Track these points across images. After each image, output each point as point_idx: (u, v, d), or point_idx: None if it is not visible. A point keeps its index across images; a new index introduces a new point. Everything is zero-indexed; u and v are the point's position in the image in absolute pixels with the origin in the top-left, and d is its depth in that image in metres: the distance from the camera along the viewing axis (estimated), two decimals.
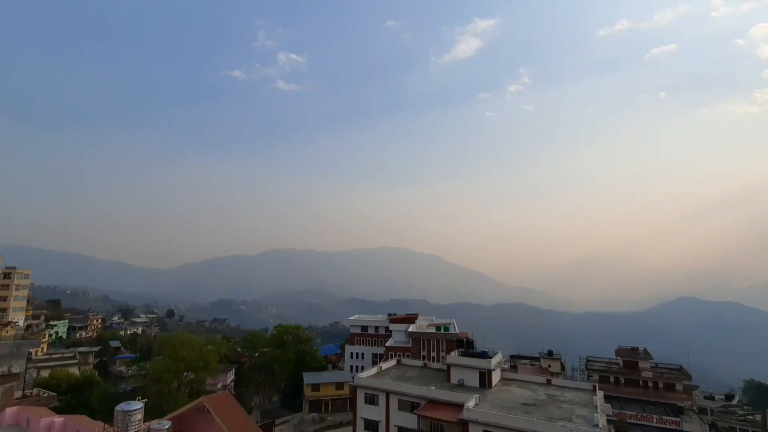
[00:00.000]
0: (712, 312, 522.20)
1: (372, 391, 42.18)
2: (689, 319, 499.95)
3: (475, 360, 44.68)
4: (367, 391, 42.46)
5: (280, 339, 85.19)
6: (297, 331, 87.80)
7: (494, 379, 44.16)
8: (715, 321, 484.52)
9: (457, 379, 44.06)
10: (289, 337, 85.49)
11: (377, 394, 41.72)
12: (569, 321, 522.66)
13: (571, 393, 43.17)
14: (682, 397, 61.90)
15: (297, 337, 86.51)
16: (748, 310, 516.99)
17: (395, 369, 51.24)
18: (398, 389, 41.04)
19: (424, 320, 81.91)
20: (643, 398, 63.03)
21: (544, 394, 42.09)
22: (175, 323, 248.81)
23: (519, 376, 50.19)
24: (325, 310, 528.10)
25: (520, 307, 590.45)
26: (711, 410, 65.80)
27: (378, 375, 47.06)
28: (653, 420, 58.52)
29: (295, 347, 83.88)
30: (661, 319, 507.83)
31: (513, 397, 40.45)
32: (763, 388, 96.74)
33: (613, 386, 65.26)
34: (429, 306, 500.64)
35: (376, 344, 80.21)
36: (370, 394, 42.16)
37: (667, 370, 67.04)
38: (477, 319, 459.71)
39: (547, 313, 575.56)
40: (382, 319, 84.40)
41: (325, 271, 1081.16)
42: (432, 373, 49.12)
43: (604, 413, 37.95)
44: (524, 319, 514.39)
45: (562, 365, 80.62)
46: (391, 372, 49.29)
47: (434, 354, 66.23)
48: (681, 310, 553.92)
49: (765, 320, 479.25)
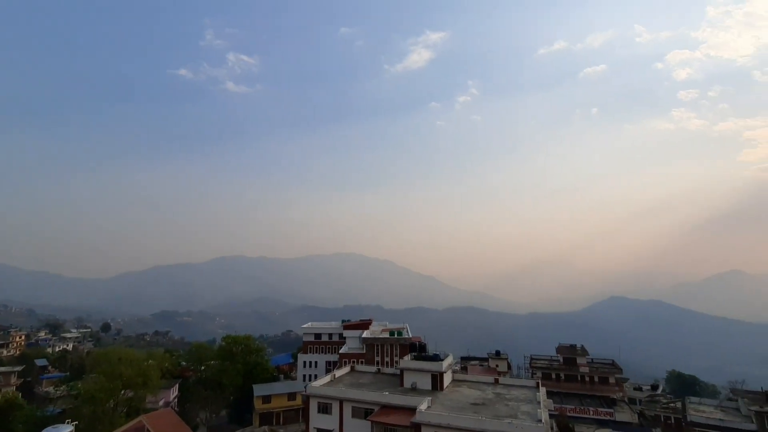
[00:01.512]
0: (639, 310, 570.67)
1: (325, 399, 41.84)
2: (620, 316, 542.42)
3: (427, 363, 45.76)
4: (320, 400, 42.04)
5: (228, 350, 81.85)
6: (247, 342, 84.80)
7: (446, 381, 45.45)
8: (642, 318, 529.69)
9: (410, 383, 44.85)
10: (239, 348, 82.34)
11: (330, 403, 41.45)
12: (515, 322, 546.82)
13: (517, 390, 45.43)
14: (614, 389, 67.09)
15: (247, 348, 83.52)
16: (669, 307, 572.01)
17: (349, 376, 51.16)
18: (352, 396, 41.04)
19: (377, 326, 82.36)
20: (581, 392, 67.56)
21: (492, 393, 43.95)
22: (112, 338, 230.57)
23: (469, 377, 52.00)
24: (277, 319, 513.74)
25: (470, 310, 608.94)
26: (639, 400, 71.75)
27: (331, 383, 46.75)
28: (590, 412, 62.87)
29: (244, 358, 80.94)
30: (596, 317, 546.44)
31: (463, 398, 41.87)
32: (682, 377, 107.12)
33: (554, 382, 69.35)
34: (383, 311, 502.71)
35: (329, 352, 79.43)
36: (324, 403, 41.80)
37: (601, 365, 72.34)
38: (430, 322, 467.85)
39: (495, 315, 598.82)
40: (335, 326, 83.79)
41: (278, 279, 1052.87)
42: (386, 379, 49.59)
43: (547, 408, 40.40)
44: (474, 321, 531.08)
45: (509, 364, 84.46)
46: (344, 379, 49.15)
47: (388, 359, 66.79)
48: (613, 308, 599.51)
49: (682, 316, 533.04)
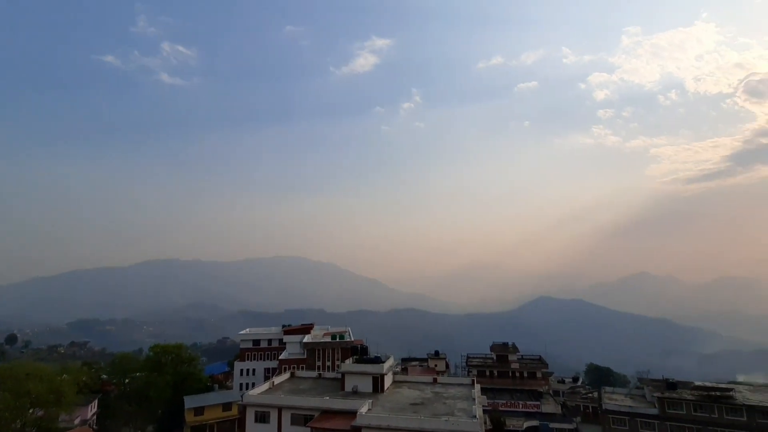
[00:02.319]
0: (563, 308, 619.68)
1: (263, 408, 40.66)
2: (547, 315, 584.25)
3: (368, 366, 46.17)
4: (257, 409, 40.78)
5: (156, 361, 76.29)
6: (178, 351, 79.64)
7: (386, 383, 46.15)
8: (565, 316, 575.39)
9: (351, 386, 44.95)
10: (168, 358, 77.07)
11: (268, 411, 40.37)
12: (454, 322, 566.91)
13: (454, 389, 47.31)
14: (541, 383, 72.20)
15: (178, 358, 78.42)
16: (588, 305, 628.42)
17: (289, 382, 50.11)
18: (290, 403, 40.30)
19: (319, 330, 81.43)
20: (512, 387, 71.89)
21: (431, 393, 45.39)
22: (18, 351, 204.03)
23: (409, 378, 53.23)
24: (213, 326, 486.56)
25: (411, 312, 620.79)
26: (562, 392, 77.93)
27: (270, 391, 45.51)
28: (520, 406, 67.11)
29: (175, 369, 75.90)
30: (526, 316, 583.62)
31: (403, 399, 42.82)
32: (599, 369, 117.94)
33: (488, 379, 73.08)
34: (325, 315, 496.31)
35: (269, 358, 77.08)
36: (261, 412, 40.59)
37: (530, 361, 77.49)
38: (372, 325, 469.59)
39: (435, 316, 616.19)
40: (276, 332, 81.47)
41: (214, 283, 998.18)
42: (327, 383, 49.25)
43: (481, 404, 42.54)
44: (415, 322, 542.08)
45: (447, 364, 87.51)
46: (284, 386, 48.08)
47: (329, 363, 66.31)
48: (541, 307, 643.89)
49: (599, 313, 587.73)
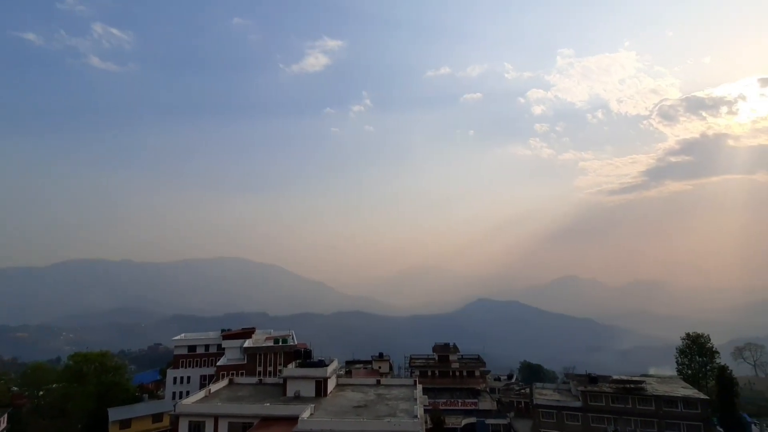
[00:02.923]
0: (500, 309, 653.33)
1: (197, 417, 38.73)
2: (485, 316, 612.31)
3: (311, 370, 45.65)
4: (191, 419, 38.75)
5: (77, 371, 69.79)
6: (102, 359, 73.46)
7: (330, 387, 45.90)
8: (502, 317, 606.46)
9: (293, 391, 44.17)
10: (91, 368, 70.84)
11: (203, 421, 38.52)
12: (398, 324, 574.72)
13: (397, 390, 48.14)
14: (479, 381, 75.54)
15: (102, 367, 72.30)
16: (523, 306, 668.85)
17: (227, 390, 48.13)
18: (228, 411, 38.80)
19: (261, 334, 78.98)
20: (452, 386, 74.46)
21: (374, 395, 45.82)
22: None
23: (353, 381, 53.36)
24: (144, 332, 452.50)
25: (357, 314, 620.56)
26: (498, 389, 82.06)
27: (206, 399, 43.46)
28: (459, 404, 69.72)
29: (98, 379, 69.87)
30: (466, 317, 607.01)
31: (347, 402, 42.86)
32: (531, 366, 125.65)
33: (430, 379, 75.10)
34: (268, 318, 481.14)
35: (206, 365, 73.36)
36: (195, 422, 38.63)
37: (469, 360, 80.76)
38: (317, 328, 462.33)
39: (380, 319, 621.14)
40: (214, 337, 77.73)
41: (146, 286, 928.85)
42: (268, 389, 47.96)
43: (422, 404, 43.68)
44: (361, 325, 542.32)
45: (391, 365, 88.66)
46: (221, 393, 46.12)
47: (271, 369, 64.59)
48: (480, 309, 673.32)
49: (532, 314, 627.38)
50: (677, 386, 61.97)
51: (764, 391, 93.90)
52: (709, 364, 74.18)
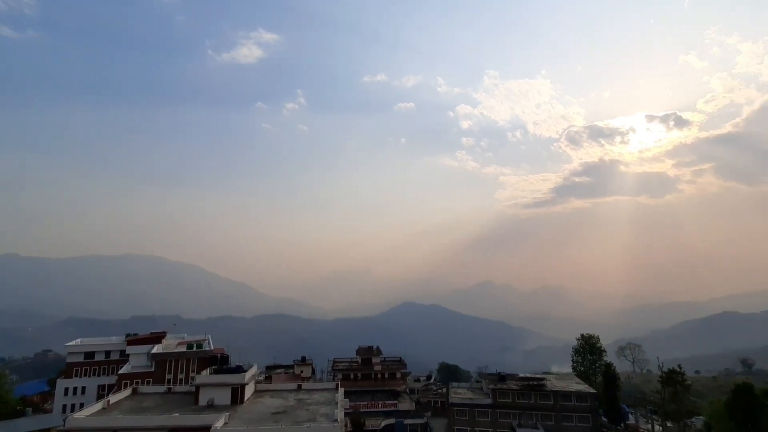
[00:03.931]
0: (424, 312, 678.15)
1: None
2: (409, 319, 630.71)
3: (227, 376, 43.62)
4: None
5: None
6: None
7: (247, 393, 44.18)
8: (425, 319, 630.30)
9: (206, 399, 41.79)
10: None
11: None
12: (323, 327, 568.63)
13: (318, 394, 47.77)
14: (399, 383, 77.64)
15: None
16: (445, 310, 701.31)
17: (129, 400, 44.04)
18: (129, 424, 35.55)
19: (173, 339, 73.35)
20: (373, 388, 75.59)
21: (294, 400, 44.98)
22: None
23: (272, 386, 51.86)
24: (31, 337, 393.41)
25: (281, 317, 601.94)
26: (417, 390, 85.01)
27: (103, 411, 39.38)
28: (379, 405, 71.00)
29: None
30: (392, 320, 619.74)
31: (265, 408, 41.57)
32: (449, 367, 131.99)
33: (352, 382, 75.52)
34: (182, 322, 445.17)
35: (106, 373, 66.23)
36: None
37: (391, 362, 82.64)
38: (237, 332, 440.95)
39: (306, 322, 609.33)
40: (117, 342, 70.43)
41: (36, 284, 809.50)
42: (178, 398, 44.76)
43: (343, 408, 43.88)
44: (285, 328, 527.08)
45: (313, 369, 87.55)
46: (122, 405, 42.10)
47: (182, 376, 60.29)
48: (405, 312, 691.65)
49: (453, 317, 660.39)
50: (572, 382, 69.39)
51: (640, 385, 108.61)
52: (598, 361, 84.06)
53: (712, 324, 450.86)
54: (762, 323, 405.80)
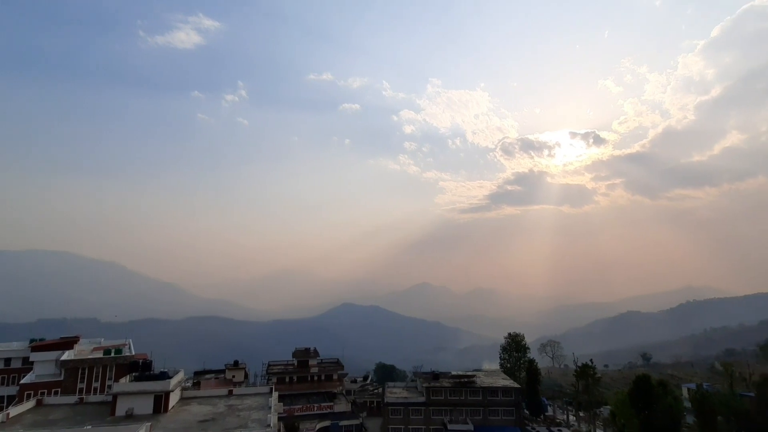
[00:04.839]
0: (362, 313, 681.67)
1: None
2: (348, 320, 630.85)
3: (149, 384, 40.82)
4: None
5: None
6: None
7: (172, 401, 41.66)
8: (364, 320, 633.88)
9: (125, 409, 38.77)
10: None
11: None
12: (259, 329, 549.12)
13: (251, 399, 46.25)
14: (336, 384, 77.44)
15: None
16: (383, 311, 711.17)
17: (33, 413, 39.53)
18: None
19: (88, 344, 66.82)
20: (309, 391, 74.68)
21: (224, 406, 43.16)
22: None
23: (200, 393, 49.33)
24: None
25: (213, 320, 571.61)
26: (354, 391, 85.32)
27: (2, 426, 35.04)
28: (315, 408, 70.20)
29: None
30: (331, 321, 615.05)
31: (191, 417, 39.46)
32: (386, 367, 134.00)
33: (288, 385, 74.03)
34: (100, 325, 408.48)
35: (6, 383, 58.69)
36: None
37: (329, 364, 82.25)
38: (163, 335, 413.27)
39: (240, 324, 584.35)
40: (19, 348, 62.67)
41: None
42: (91, 409, 41.00)
43: (277, 412, 42.95)
44: (217, 331, 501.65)
45: (246, 374, 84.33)
46: (25, 418, 37.71)
47: (98, 385, 55.16)
48: (344, 313, 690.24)
49: (391, 318, 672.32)
50: (499, 378, 73.81)
51: (558, 379, 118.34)
52: (522, 358, 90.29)
53: (620, 322, 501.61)
54: (659, 321, 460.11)
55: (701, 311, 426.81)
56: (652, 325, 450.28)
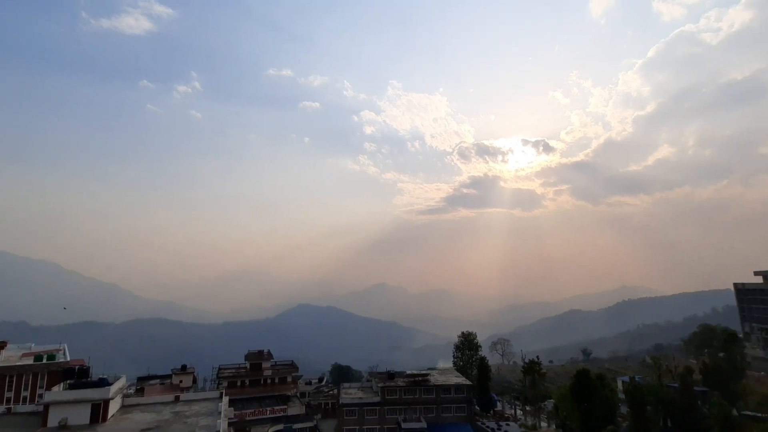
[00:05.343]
0: (319, 314, 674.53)
1: None
2: (304, 321, 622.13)
3: (86, 391, 38.25)
4: None
5: None
6: None
7: (112, 410, 39.29)
8: (320, 321, 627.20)
9: (58, 419, 36.08)
10: None
11: None
12: (211, 332, 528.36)
13: (199, 405, 44.54)
14: (290, 387, 76.26)
15: None
16: (341, 312, 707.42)
17: None
18: None
19: (17, 349, 61.38)
20: (262, 395, 72.97)
21: (170, 413, 41.29)
22: None
23: (144, 400, 46.88)
24: None
25: (159, 322, 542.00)
26: (308, 393, 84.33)
27: None
28: (267, 412, 68.74)
29: None
30: (286, 322, 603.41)
31: (133, 425, 37.45)
32: (341, 368, 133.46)
33: (239, 389, 71.92)
34: (29, 329, 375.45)
35: None
36: None
37: (283, 366, 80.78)
38: (103, 340, 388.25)
39: (190, 326, 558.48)
40: None
41: None
42: (20, 420, 37.85)
43: (227, 417, 41.68)
44: (164, 334, 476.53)
45: (195, 378, 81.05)
46: None
47: (27, 394, 50.84)
48: (300, 314, 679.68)
49: (349, 319, 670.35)
50: (452, 376, 75.98)
51: (507, 375, 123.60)
52: (474, 356, 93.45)
53: (564, 320, 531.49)
54: (599, 319, 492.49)
55: (635, 309, 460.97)
56: (592, 322, 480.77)
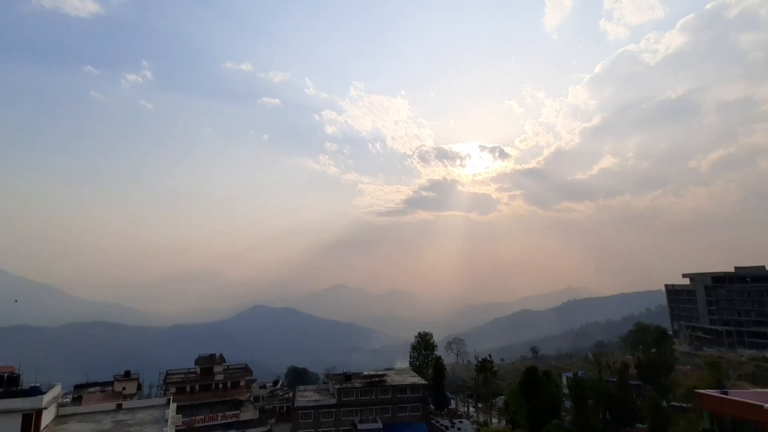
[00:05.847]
0: (275, 316, 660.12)
1: None
2: (260, 323, 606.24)
3: (16, 400, 35.14)
4: None
5: None
6: None
7: (45, 420, 36.40)
8: (276, 323, 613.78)
9: None
10: None
11: None
12: (158, 336, 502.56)
13: (144, 413, 42.29)
14: (243, 391, 73.98)
15: None
16: (298, 313, 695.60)
17: None
18: None
19: None
20: (213, 400, 70.29)
21: (111, 423, 38.89)
22: None
23: (82, 409, 43.82)
24: None
25: (101, 325, 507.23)
26: (262, 397, 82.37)
27: None
28: (218, 418, 66.26)
29: None
30: (240, 325, 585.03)
31: None
32: (297, 371, 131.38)
33: (189, 395, 68.81)
34: None
35: None
36: None
37: (236, 370, 78.25)
38: (36, 345, 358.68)
39: (135, 330, 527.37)
40: None
41: None
42: None
43: (174, 425, 39.86)
44: (106, 338, 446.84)
45: (140, 384, 76.64)
46: None
47: None
48: (255, 316, 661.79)
49: (306, 320, 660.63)
50: (408, 376, 77.00)
51: (461, 374, 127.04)
52: (430, 356, 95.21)
53: (516, 320, 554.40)
54: (547, 319, 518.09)
55: (579, 309, 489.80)
56: (541, 321, 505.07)
